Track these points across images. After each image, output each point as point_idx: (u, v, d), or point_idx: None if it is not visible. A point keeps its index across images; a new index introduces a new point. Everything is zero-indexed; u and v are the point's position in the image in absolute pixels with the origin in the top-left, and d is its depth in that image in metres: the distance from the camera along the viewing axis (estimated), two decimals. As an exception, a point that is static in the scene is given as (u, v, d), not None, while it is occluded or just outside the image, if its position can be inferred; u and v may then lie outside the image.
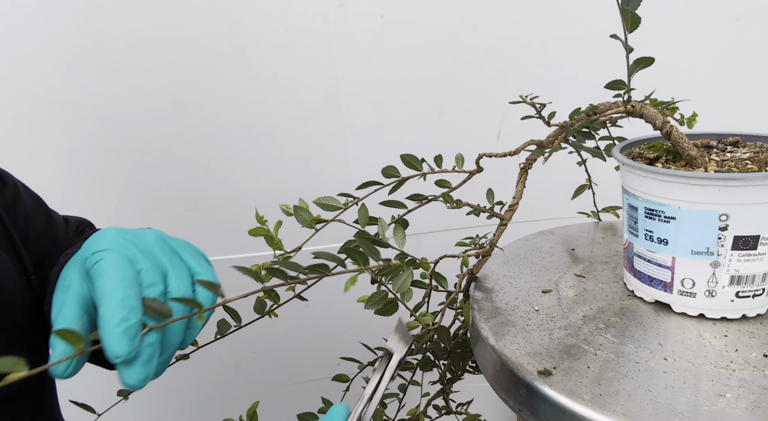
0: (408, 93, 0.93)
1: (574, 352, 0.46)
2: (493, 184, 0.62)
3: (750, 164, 0.48)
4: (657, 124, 0.51)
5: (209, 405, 1.07)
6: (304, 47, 0.87)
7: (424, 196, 0.60)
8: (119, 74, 0.84)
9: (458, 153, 0.60)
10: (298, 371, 1.09)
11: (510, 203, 0.58)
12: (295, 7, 0.85)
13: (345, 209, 0.55)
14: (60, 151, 0.85)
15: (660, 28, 0.88)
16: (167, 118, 0.87)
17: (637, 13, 0.45)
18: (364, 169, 0.61)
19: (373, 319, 0.54)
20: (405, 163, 0.59)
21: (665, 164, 0.52)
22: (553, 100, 0.60)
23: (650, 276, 0.51)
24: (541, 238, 0.72)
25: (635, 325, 0.50)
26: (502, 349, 0.47)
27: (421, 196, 0.60)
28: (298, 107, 0.91)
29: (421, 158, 0.59)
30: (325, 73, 0.90)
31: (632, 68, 0.48)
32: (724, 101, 0.91)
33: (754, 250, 0.46)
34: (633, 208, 0.51)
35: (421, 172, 0.59)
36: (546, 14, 0.90)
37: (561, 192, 0.74)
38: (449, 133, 0.94)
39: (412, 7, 0.88)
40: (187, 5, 0.83)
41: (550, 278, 0.60)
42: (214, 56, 0.86)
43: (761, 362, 0.43)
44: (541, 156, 0.56)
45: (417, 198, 0.60)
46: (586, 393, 0.40)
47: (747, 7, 0.90)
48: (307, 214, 0.52)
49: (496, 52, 0.91)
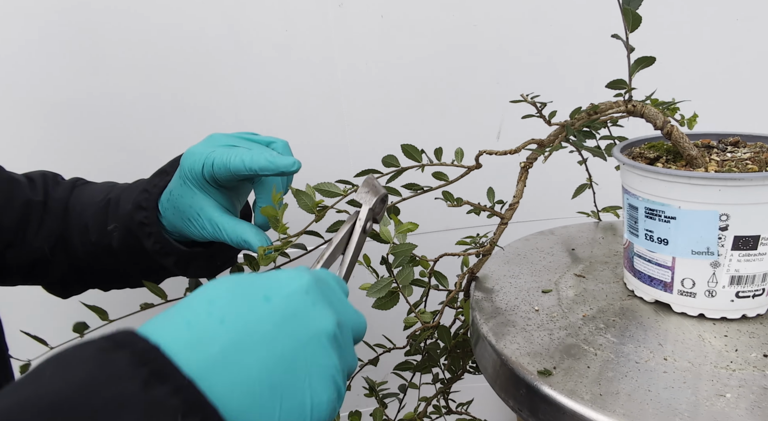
0: (408, 93, 0.92)
1: (574, 352, 0.46)
2: (494, 184, 0.62)
3: (750, 164, 0.48)
4: (658, 124, 0.51)
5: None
6: (303, 47, 0.87)
7: (420, 187, 0.60)
8: (119, 74, 0.84)
9: (458, 147, 0.60)
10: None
11: (510, 202, 0.58)
12: (295, 7, 0.85)
13: (345, 196, 0.55)
14: (60, 151, 0.85)
15: (661, 28, 0.88)
16: (167, 118, 0.87)
17: (638, 13, 0.45)
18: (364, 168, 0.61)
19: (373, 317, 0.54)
20: (405, 154, 0.59)
21: (666, 164, 0.52)
22: (553, 100, 0.60)
23: (650, 276, 0.51)
24: (541, 238, 0.72)
25: (635, 325, 0.50)
26: (502, 349, 0.47)
27: (417, 186, 0.60)
28: (299, 107, 0.91)
29: (421, 150, 0.59)
30: (325, 74, 0.89)
31: (633, 68, 0.48)
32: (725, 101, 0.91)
33: (754, 250, 0.46)
34: (633, 208, 0.51)
35: (420, 163, 0.59)
36: (546, 14, 0.90)
37: (561, 192, 0.74)
38: (449, 133, 0.94)
39: (412, 7, 0.88)
40: (187, 5, 0.83)
41: (550, 278, 0.60)
42: (214, 56, 0.86)
43: (761, 362, 0.43)
44: (542, 155, 0.56)
45: (413, 187, 0.60)
46: (586, 393, 0.40)
47: (747, 8, 0.90)
48: (309, 198, 0.52)
49: (496, 52, 0.91)
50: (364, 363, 0.69)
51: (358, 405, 0.69)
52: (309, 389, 0.31)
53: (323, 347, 0.32)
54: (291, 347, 0.31)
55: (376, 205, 0.49)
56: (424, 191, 0.60)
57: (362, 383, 0.70)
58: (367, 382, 0.69)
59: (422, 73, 0.92)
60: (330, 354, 0.32)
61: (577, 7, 0.89)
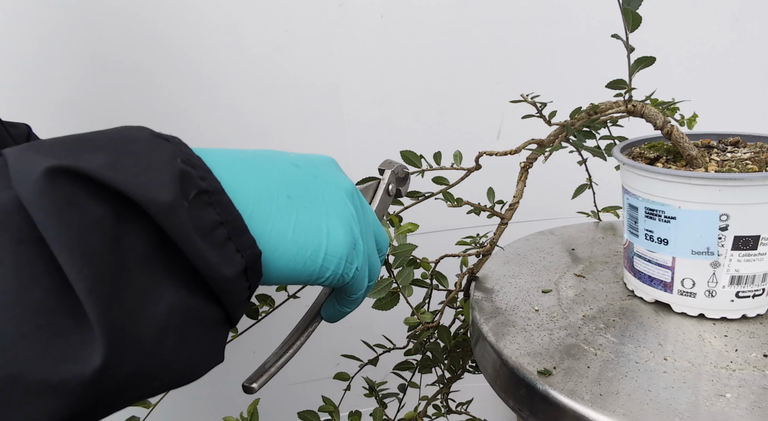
0: (408, 93, 0.93)
1: (574, 352, 0.46)
2: (494, 184, 0.62)
3: (750, 164, 0.48)
4: (658, 124, 0.51)
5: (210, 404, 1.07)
6: (304, 47, 0.88)
7: (421, 194, 0.60)
8: (119, 74, 0.84)
9: (456, 150, 0.60)
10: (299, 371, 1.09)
11: (510, 202, 0.58)
12: (295, 7, 0.85)
13: None
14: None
15: (661, 28, 0.88)
16: (167, 118, 0.87)
17: (638, 13, 0.45)
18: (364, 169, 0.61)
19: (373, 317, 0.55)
20: (404, 160, 0.59)
21: (666, 164, 0.52)
22: (553, 100, 0.60)
23: (650, 276, 0.51)
24: (541, 238, 0.72)
25: (635, 325, 0.50)
26: (502, 349, 0.47)
27: (419, 193, 0.60)
28: (299, 108, 0.91)
29: (420, 155, 0.59)
30: (325, 74, 0.90)
31: (633, 68, 0.48)
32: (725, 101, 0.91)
33: (754, 250, 0.46)
34: (633, 208, 0.51)
35: (420, 168, 0.59)
36: (546, 14, 0.90)
37: (561, 192, 0.74)
38: (449, 133, 0.94)
39: (412, 7, 0.88)
40: (188, 5, 0.83)
41: (550, 278, 0.60)
42: (214, 56, 0.86)
43: (761, 362, 0.43)
44: (542, 155, 0.56)
45: (414, 195, 0.60)
46: (586, 393, 0.40)
47: (747, 7, 0.90)
48: None
49: (496, 52, 0.91)
50: (364, 363, 0.69)
51: (358, 405, 0.69)
52: (326, 220, 0.33)
53: (341, 197, 0.35)
54: (310, 181, 0.34)
55: (399, 170, 0.49)
56: (426, 197, 0.60)
57: (362, 384, 0.70)
58: (367, 382, 0.69)
59: (422, 73, 0.92)
60: (347, 204, 0.35)
61: (577, 7, 0.89)
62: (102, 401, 0.24)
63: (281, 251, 0.30)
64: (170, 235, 0.25)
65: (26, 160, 0.23)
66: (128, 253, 0.24)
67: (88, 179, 0.23)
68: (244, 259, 0.28)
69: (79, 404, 0.23)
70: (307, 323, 0.41)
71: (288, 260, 0.31)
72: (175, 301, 0.25)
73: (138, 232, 0.24)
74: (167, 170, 0.25)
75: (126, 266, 0.23)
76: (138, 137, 0.26)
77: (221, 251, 0.27)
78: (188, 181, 0.26)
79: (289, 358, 0.39)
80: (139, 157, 0.25)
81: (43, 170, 0.22)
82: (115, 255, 0.23)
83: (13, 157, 0.23)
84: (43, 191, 0.22)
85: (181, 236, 0.25)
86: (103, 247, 0.23)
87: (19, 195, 0.22)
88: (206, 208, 0.26)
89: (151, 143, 0.26)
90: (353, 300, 0.39)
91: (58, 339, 0.22)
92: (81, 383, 0.22)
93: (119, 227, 0.23)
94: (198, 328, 0.27)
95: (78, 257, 0.22)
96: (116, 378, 0.23)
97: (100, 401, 0.24)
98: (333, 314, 0.40)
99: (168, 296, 0.25)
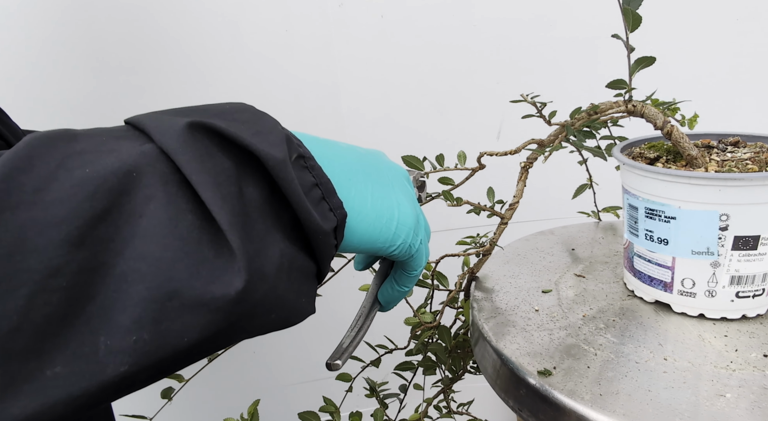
0: (408, 93, 0.93)
1: (574, 352, 0.46)
2: (494, 184, 0.62)
3: (750, 164, 0.48)
4: (658, 124, 0.51)
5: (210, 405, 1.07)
6: (304, 48, 0.88)
7: (428, 195, 0.60)
8: (119, 74, 0.84)
9: (460, 150, 0.60)
10: (299, 371, 1.09)
11: (511, 202, 0.58)
12: (295, 7, 0.85)
13: None
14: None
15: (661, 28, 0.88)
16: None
17: (638, 13, 0.45)
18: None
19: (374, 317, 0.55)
20: (407, 164, 0.59)
21: (666, 164, 0.52)
22: (553, 100, 0.60)
23: (650, 276, 0.51)
24: (541, 238, 0.72)
25: (635, 325, 0.50)
26: (502, 349, 0.47)
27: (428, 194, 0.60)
28: (299, 108, 0.91)
29: (423, 158, 0.59)
30: (325, 74, 0.90)
31: (633, 68, 0.48)
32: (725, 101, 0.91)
33: (754, 250, 0.46)
34: (633, 208, 0.51)
35: (424, 171, 0.59)
36: (547, 14, 0.90)
37: (561, 192, 0.74)
38: (449, 133, 0.94)
39: (412, 7, 0.88)
40: (188, 6, 0.83)
41: (550, 278, 0.60)
42: (214, 56, 0.86)
43: (761, 362, 0.43)
44: (542, 155, 0.56)
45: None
46: (586, 393, 0.40)
47: (747, 8, 0.90)
48: None
49: (496, 52, 0.91)
50: (366, 364, 0.69)
51: (358, 406, 0.69)
52: (395, 194, 0.38)
53: (401, 179, 0.40)
54: (377, 163, 0.39)
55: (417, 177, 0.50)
56: (431, 198, 0.60)
57: (363, 384, 0.70)
58: (368, 382, 0.69)
59: (422, 73, 0.92)
60: (407, 185, 0.40)
61: (577, 8, 0.89)
62: (238, 323, 0.27)
63: (363, 216, 0.35)
64: (282, 187, 0.29)
65: (164, 120, 0.27)
66: (248, 201, 0.28)
67: (219, 135, 0.27)
68: (336, 217, 0.32)
69: (224, 320, 0.26)
70: (368, 308, 0.45)
71: (368, 225, 0.35)
72: (283, 247, 0.29)
73: (254, 185, 0.28)
74: (277, 133, 0.29)
75: (248, 213, 0.27)
76: (245, 108, 0.31)
77: (318, 208, 0.31)
78: (291, 146, 0.30)
79: (361, 339, 0.43)
80: (251, 123, 0.29)
81: (185, 124, 0.26)
82: (241, 201, 0.27)
83: (149, 119, 0.27)
84: (187, 141, 0.26)
85: (291, 189, 0.29)
86: (233, 192, 0.27)
87: (162, 145, 0.26)
88: (304, 170, 0.31)
89: (257, 113, 0.31)
90: (413, 277, 0.43)
91: (204, 265, 0.25)
92: (228, 301, 0.25)
93: (240, 179, 0.28)
94: (299, 275, 0.31)
95: (219, 197, 0.26)
96: (250, 303, 0.27)
97: (237, 323, 0.27)
98: (391, 296, 0.44)
99: (278, 242, 0.29)
